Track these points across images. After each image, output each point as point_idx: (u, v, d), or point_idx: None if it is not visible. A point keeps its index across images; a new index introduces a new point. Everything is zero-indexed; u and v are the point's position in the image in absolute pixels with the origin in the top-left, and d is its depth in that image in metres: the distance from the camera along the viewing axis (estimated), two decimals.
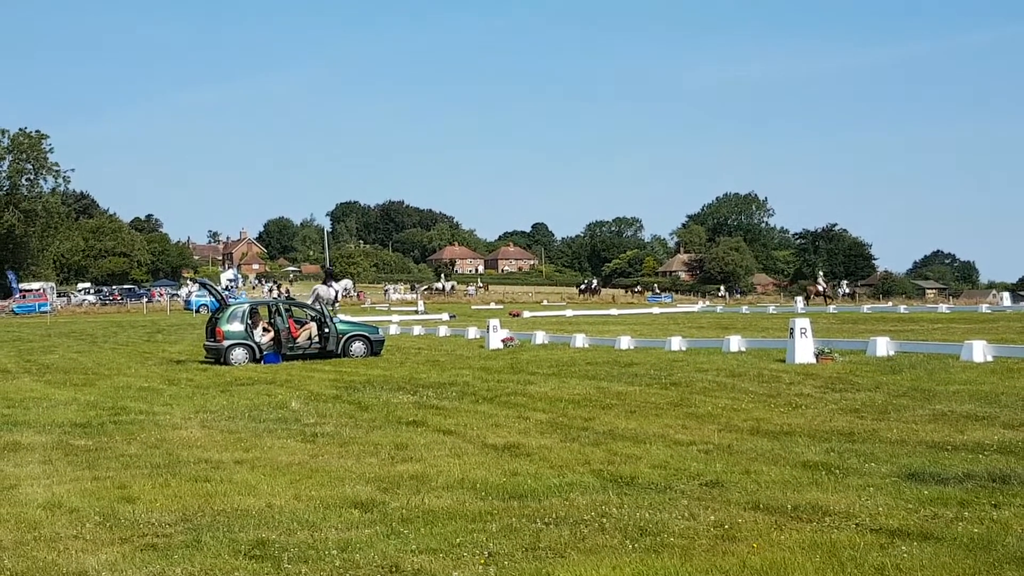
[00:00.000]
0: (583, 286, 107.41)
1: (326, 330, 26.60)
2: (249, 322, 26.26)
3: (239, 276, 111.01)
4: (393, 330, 39.32)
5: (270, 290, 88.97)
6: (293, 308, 28.38)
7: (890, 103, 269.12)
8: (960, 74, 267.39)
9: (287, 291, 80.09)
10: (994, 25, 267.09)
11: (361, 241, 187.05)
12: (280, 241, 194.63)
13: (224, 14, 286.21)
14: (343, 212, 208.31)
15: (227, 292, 47.78)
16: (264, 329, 26.50)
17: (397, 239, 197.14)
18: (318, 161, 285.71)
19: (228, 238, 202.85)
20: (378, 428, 13.89)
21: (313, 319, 27.16)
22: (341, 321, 28.79)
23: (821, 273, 70.77)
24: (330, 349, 26.48)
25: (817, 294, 60.72)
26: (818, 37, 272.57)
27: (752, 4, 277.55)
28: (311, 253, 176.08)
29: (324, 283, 52.00)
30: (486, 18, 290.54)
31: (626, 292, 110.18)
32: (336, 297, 51.59)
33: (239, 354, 25.71)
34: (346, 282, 57.08)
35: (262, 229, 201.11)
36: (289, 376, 22.02)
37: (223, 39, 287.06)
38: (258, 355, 25.84)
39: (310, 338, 26.70)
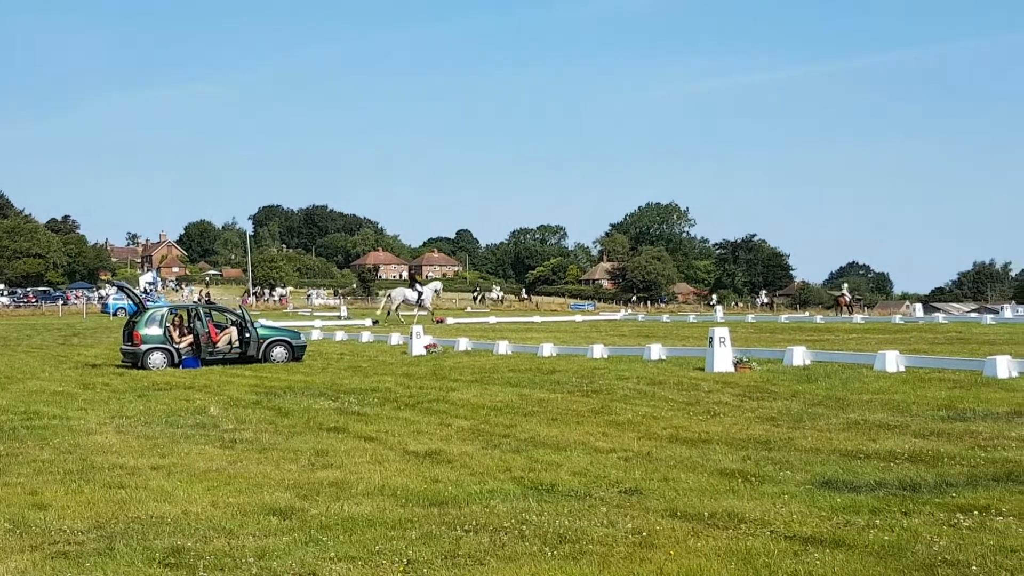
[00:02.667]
0: (477, 294, 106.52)
1: (247, 335, 26.34)
2: (168, 326, 25.90)
3: (158, 279, 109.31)
4: (315, 335, 39.00)
5: (191, 293, 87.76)
6: (213, 312, 28.06)
7: (808, 118, 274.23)
8: (874, 92, 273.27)
9: (207, 295, 79.10)
10: (906, 45, 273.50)
11: (284, 245, 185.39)
12: (201, 244, 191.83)
13: (147, 18, 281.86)
14: (266, 216, 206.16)
15: (145, 295, 46.97)
16: (183, 333, 26.16)
17: (320, 244, 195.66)
18: (241, 164, 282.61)
19: (147, 240, 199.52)
20: (298, 434, 13.78)
21: (233, 323, 26.87)
22: (262, 326, 28.54)
23: (846, 286, 73.08)
24: (251, 354, 26.24)
25: (845, 305, 62.12)
26: (738, 53, 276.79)
27: (676, 21, 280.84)
28: (232, 257, 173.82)
29: (410, 286, 52.07)
30: (414, 25, 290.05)
31: (519, 300, 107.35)
32: (419, 300, 51.64)
33: (157, 358, 25.36)
34: (435, 284, 56.42)
35: (182, 232, 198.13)
36: (208, 381, 21.76)
37: (146, 43, 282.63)
38: (177, 359, 25.51)
39: (230, 343, 26.42)
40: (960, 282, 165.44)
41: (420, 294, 52.12)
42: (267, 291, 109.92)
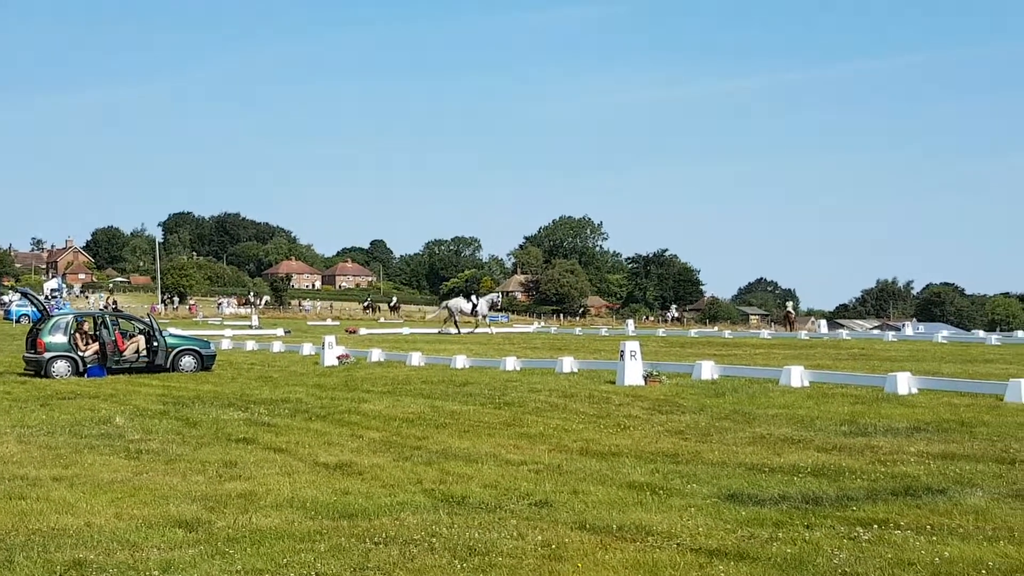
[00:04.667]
0: (367, 304, 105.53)
1: (155, 343, 25.91)
2: (73, 334, 25.37)
3: (63, 286, 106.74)
4: (225, 345, 38.47)
5: (98, 300, 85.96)
6: (120, 320, 27.55)
7: (719, 135, 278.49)
8: (782, 110, 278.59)
9: (114, 302, 77.59)
10: (813, 65, 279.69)
11: (195, 253, 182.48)
12: (109, 251, 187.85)
13: (56, 21, 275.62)
14: (176, 223, 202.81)
15: (50, 302, 45.91)
16: (89, 341, 25.65)
17: (232, 252, 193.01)
18: (151, 170, 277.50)
19: (53, 246, 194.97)
20: (206, 445, 13.61)
21: (141, 332, 26.42)
22: (171, 334, 28.10)
23: (791, 304, 76.10)
24: (159, 363, 25.82)
25: (791, 321, 63.96)
26: (652, 69, 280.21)
27: (593, 37, 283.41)
28: (141, 264, 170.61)
29: (466, 297, 51.81)
30: (328, 32, 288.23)
31: (390, 310, 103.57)
32: (473, 310, 51.45)
33: (61, 367, 24.81)
34: (491, 296, 55.77)
35: (90, 238, 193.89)
36: (114, 390, 21.37)
37: (54, 45, 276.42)
38: (82, 368, 24.99)
39: (137, 351, 25.97)
40: (864, 299, 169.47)
41: (474, 305, 52.47)
42: (176, 299, 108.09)
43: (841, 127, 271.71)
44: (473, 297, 53.78)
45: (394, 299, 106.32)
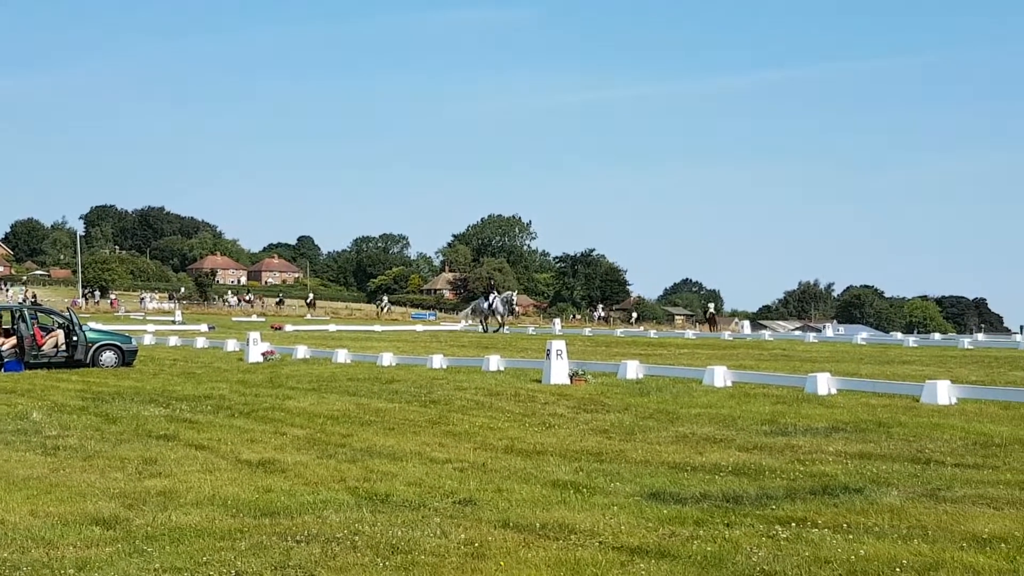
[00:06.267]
0: (280, 300, 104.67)
1: (74, 338, 25.46)
2: None
3: None
4: (147, 340, 37.90)
5: (16, 293, 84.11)
6: (39, 314, 27.00)
7: (646, 136, 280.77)
8: (707, 114, 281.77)
9: (33, 296, 76.01)
10: (736, 71, 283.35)
11: (117, 247, 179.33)
12: (28, 243, 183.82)
13: None
14: (98, 216, 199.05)
15: None
16: (6, 335, 25.11)
17: (156, 246, 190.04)
18: (73, 162, 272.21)
19: None
20: (126, 442, 13.40)
21: (61, 326, 25.93)
22: (91, 329, 27.66)
23: (712, 305, 77.51)
24: (78, 358, 25.39)
25: (714, 323, 64.87)
26: (583, 70, 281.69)
27: (525, 36, 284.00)
28: (62, 257, 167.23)
29: (485, 296, 51.14)
30: (259, 25, 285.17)
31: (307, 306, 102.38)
32: (491, 308, 50.75)
33: None
34: (508, 293, 54.60)
35: (8, 230, 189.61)
36: (32, 385, 20.97)
37: None
38: None
39: (56, 346, 25.49)
40: (786, 300, 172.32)
41: (490, 304, 52.04)
42: (98, 293, 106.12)
43: (765, 132, 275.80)
44: (491, 295, 53.43)
45: (310, 296, 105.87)
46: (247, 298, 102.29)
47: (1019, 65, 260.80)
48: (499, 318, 51.95)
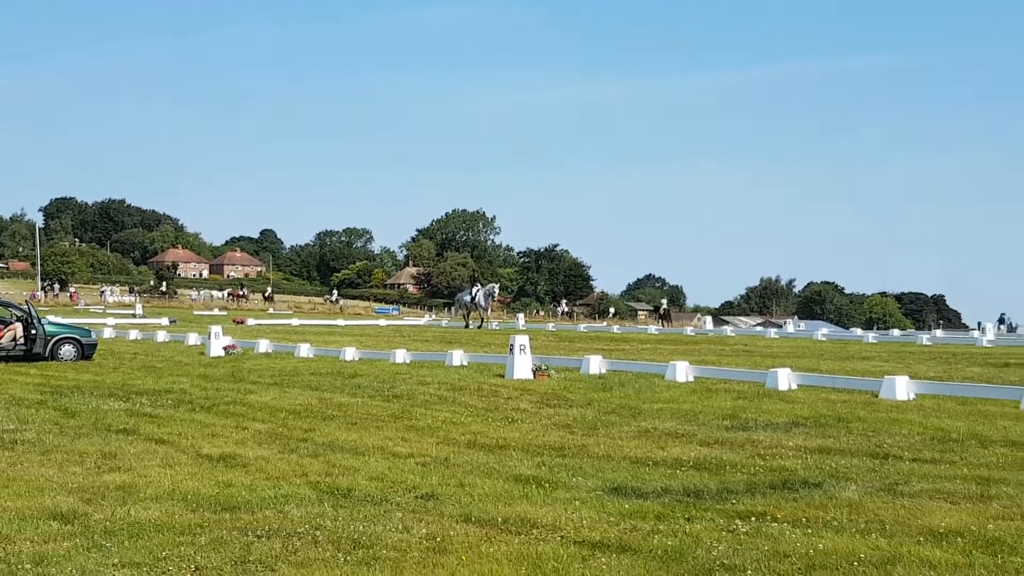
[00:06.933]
0: (240, 292, 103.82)
1: (33, 331, 25.21)
2: None
3: None
4: (108, 334, 37.60)
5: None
6: None
7: (609, 133, 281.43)
8: (669, 112, 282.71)
9: None
10: (701, 68, 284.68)
11: (77, 240, 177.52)
12: None
13: None
14: (58, 208, 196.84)
15: None
16: None
17: (116, 239, 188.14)
18: (32, 154, 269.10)
19: None
20: (85, 436, 13.28)
21: (19, 319, 25.67)
22: (50, 322, 27.38)
23: (665, 301, 78.01)
24: (37, 352, 25.19)
25: (664, 318, 65.22)
26: (547, 69, 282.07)
27: (491, 34, 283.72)
28: (20, 249, 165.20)
29: (470, 288, 50.73)
30: (224, 21, 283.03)
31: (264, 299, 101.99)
32: (473, 302, 50.16)
33: None
34: (490, 286, 53.72)
35: None
36: None
37: None
38: None
39: (14, 339, 25.24)
40: (748, 297, 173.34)
41: (473, 297, 51.46)
42: (57, 286, 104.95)
43: (726, 130, 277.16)
44: (474, 288, 52.78)
45: (268, 289, 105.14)
46: (240, 292, 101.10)
47: (995, 66, 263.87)
48: (481, 312, 51.54)
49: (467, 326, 50.56)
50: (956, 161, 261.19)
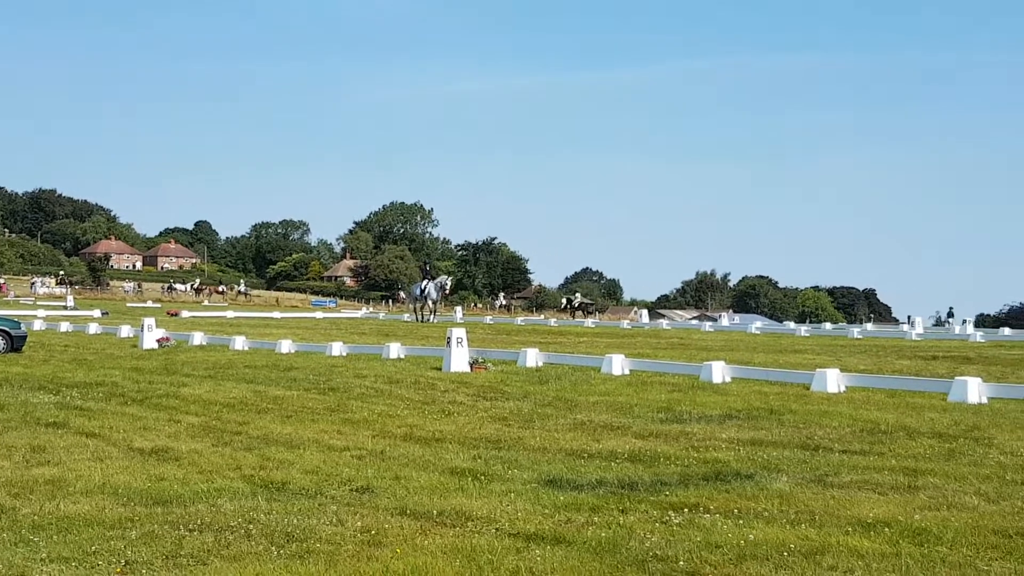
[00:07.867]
0: (167, 287, 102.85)
1: None
2: None
3: None
4: (38, 325, 36.93)
5: None
6: None
7: (546, 126, 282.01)
8: (606, 104, 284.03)
9: None
10: (641, 61, 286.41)
11: (7, 230, 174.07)
12: None
13: None
14: None
15: None
16: None
17: (47, 230, 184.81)
18: None
19: None
20: (13, 429, 13.05)
21: None
22: None
23: (579, 293, 78.58)
24: None
25: (574, 309, 65.30)
26: (484, 60, 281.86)
27: (430, 23, 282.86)
28: None
29: (420, 281, 49.97)
30: (157, 8, 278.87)
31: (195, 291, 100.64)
32: (423, 293, 49.28)
33: None
34: (442, 279, 52.50)
35: None
36: None
37: None
38: None
39: None
40: (684, 290, 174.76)
41: (423, 290, 50.70)
42: None
43: (664, 124, 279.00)
44: (424, 281, 51.96)
45: (197, 280, 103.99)
46: (196, 284, 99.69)
47: (922, 66, 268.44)
48: (431, 304, 51.11)
49: (420, 320, 50.19)
50: (887, 157, 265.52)
